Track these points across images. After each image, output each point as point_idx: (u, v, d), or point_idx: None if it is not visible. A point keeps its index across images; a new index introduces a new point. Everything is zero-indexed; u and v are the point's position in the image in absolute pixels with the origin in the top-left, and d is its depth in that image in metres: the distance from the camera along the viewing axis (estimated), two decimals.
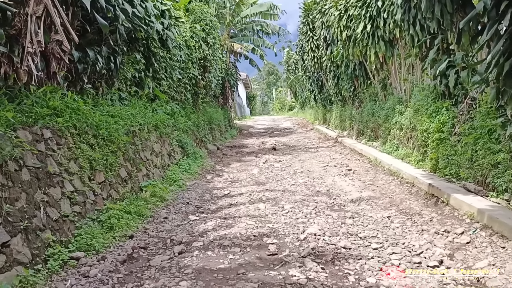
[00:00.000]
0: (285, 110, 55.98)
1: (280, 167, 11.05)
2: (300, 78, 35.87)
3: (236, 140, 19.66)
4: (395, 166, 8.35)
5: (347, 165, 10.27)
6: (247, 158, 13.31)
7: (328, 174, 9.38)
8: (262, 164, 11.76)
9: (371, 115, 12.49)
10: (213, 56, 14.20)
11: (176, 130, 10.87)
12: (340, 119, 18.57)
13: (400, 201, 6.52)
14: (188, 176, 9.56)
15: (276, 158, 12.74)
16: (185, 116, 12.16)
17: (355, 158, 11.29)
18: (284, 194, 7.53)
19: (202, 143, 13.91)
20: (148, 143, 8.27)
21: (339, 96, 18.37)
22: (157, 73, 9.77)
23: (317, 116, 28.06)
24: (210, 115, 16.81)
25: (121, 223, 5.34)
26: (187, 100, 12.46)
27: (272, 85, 78.33)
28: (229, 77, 21.65)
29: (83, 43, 6.36)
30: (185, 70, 11.91)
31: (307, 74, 25.88)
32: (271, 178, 9.48)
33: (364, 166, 9.94)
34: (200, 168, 10.76)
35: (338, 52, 14.38)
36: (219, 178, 9.87)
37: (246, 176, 10.03)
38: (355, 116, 15.09)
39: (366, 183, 8.14)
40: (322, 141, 17.05)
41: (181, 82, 11.72)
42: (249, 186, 8.68)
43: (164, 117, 9.73)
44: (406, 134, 9.38)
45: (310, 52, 21.32)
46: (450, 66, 7.30)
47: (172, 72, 10.56)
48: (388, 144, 10.44)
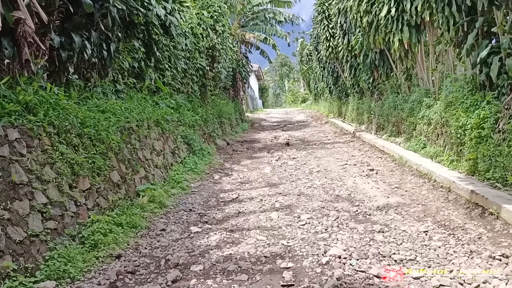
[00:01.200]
0: (298, 102, 54.85)
1: (294, 165, 10.15)
2: (314, 69, 34.78)
3: (248, 134, 18.78)
4: (425, 167, 7.38)
5: (368, 164, 9.31)
6: (259, 154, 12.43)
7: (348, 175, 8.45)
8: (274, 161, 10.88)
9: (393, 109, 11.48)
10: (222, 45, 13.28)
11: (181, 125, 10.02)
12: (357, 112, 17.54)
13: (436, 210, 5.57)
14: (193, 176, 8.73)
15: (290, 154, 11.83)
16: (192, 110, 11.31)
17: (376, 155, 10.32)
18: (299, 199, 6.64)
19: (211, 138, 13.06)
20: (147, 140, 7.44)
21: (356, 88, 17.34)
22: (159, 63, 8.91)
23: (331, 108, 27.00)
24: (220, 108, 15.94)
25: (107, 239, 4.51)
26: (194, 93, 11.59)
27: (284, 76, 77.10)
28: (240, 68, 20.70)
29: (68, 27, 5.51)
30: (192, 60, 11.02)
31: (321, 65, 24.79)
32: (284, 178, 8.59)
33: (387, 165, 8.97)
34: (207, 167, 9.92)
35: (357, 40, 13.34)
36: (228, 178, 9.02)
37: (257, 175, 9.16)
38: (374, 109, 14.07)
39: (392, 186, 7.19)
40: (339, 136, 16.07)
41: (187, 73, 10.84)
42: (260, 188, 7.80)
43: (168, 112, 8.88)
44: (435, 130, 8.39)
45: (325, 41, 20.25)
46: (492, 52, 6.28)
47: (177, 62, 9.69)
48: (413, 141, 9.45)
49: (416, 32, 9.11)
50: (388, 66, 12.00)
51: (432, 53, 9.23)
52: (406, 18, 9.04)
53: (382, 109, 12.72)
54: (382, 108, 12.73)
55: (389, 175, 8.03)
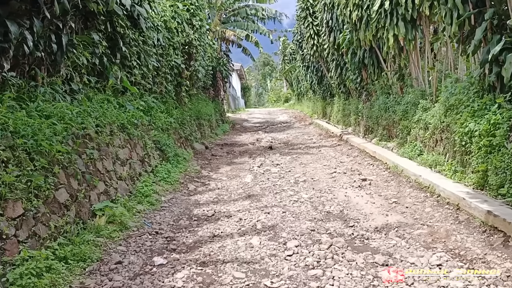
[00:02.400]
0: (280, 102, 54.09)
1: (278, 172, 9.26)
2: (297, 68, 34.01)
3: (228, 136, 17.83)
4: (425, 178, 6.56)
5: (360, 172, 8.47)
6: (240, 159, 11.51)
7: (338, 185, 7.59)
8: (256, 168, 9.97)
9: (384, 111, 10.69)
10: (200, 41, 12.27)
11: (153, 129, 9.01)
12: (343, 113, 16.77)
13: (445, 234, 4.73)
14: (165, 188, 7.75)
15: (273, 160, 10.94)
16: (166, 112, 10.30)
17: (366, 162, 9.50)
18: (285, 218, 5.73)
19: (188, 142, 12.06)
20: (110, 149, 6.43)
21: (342, 88, 16.57)
22: (126, 59, 7.89)
23: (315, 109, 26.24)
24: (198, 109, 14.94)
25: (42, 282, 3.51)
26: (168, 93, 10.57)
27: (267, 76, 76.29)
28: (221, 66, 19.70)
29: (3, 14, 4.48)
30: (165, 57, 10.01)
31: (305, 64, 24.01)
32: (267, 189, 7.69)
33: (381, 174, 8.14)
34: (182, 175, 8.94)
35: (344, 37, 12.53)
36: (204, 188, 8.07)
37: (237, 185, 8.24)
38: (362, 111, 13.28)
39: (390, 200, 6.35)
40: (324, 138, 15.25)
41: (160, 71, 9.82)
42: (240, 201, 6.88)
43: (136, 114, 7.87)
44: (433, 135, 7.60)
45: (309, 39, 19.44)
46: (505, 48, 5.49)
47: (147, 59, 8.67)
48: (408, 147, 8.65)
49: (412, 28, 8.31)
50: (378, 65, 11.21)
51: (429, 51, 8.44)
52: (401, 12, 8.22)
53: (371, 111, 11.93)
54: (371, 109, 11.94)
55: (384, 187, 7.19)
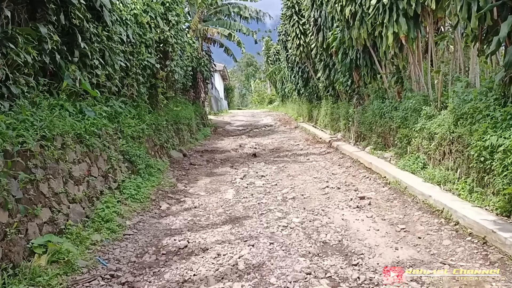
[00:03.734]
0: (264, 104, 53.09)
1: (263, 186, 8.23)
2: (282, 69, 33.05)
3: (210, 141, 16.71)
4: (437, 200, 5.59)
5: (356, 188, 7.49)
6: (221, 169, 10.43)
7: (333, 205, 6.59)
8: (239, 180, 8.92)
9: (379, 116, 9.75)
10: (176, 39, 11.13)
11: (120, 138, 7.87)
12: (331, 117, 15.85)
13: (476, 281, 3.74)
14: (133, 207, 6.63)
15: (258, 170, 9.90)
16: (137, 118, 9.16)
17: (362, 174, 8.52)
18: (273, 252, 4.69)
19: (164, 150, 10.93)
20: (60, 165, 5.28)
21: (330, 91, 15.65)
22: (87, 58, 6.73)
23: (301, 112, 25.32)
24: (177, 113, 13.79)
25: None
26: (140, 96, 9.42)
27: (250, 76, 75.34)
28: (202, 67, 18.55)
29: None
30: (136, 55, 8.86)
31: (290, 64, 23.07)
32: (251, 208, 6.66)
33: (380, 191, 7.17)
34: (154, 190, 7.83)
35: (335, 36, 11.58)
36: (179, 207, 6.99)
37: (217, 203, 7.19)
38: (353, 116, 12.36)
39: (397, 226, 5.36)
40: (312, 145, 14.27)
41: (130, 71, 8.67)
42: (219, 227, 5.82)
43: (98, 122, 6.73)
44: (440, 147, 6.67)
45: (295, 39, 18.48)
46: None
47: (113, 58, 7.51)
48: (409, 158, 7.71)
49: (414, 25, 7.37)
50: (372, 67, 10.27)
51: (433, 51, 7.50)
52: (402, 6, 7.28)
53: (364, 116, 11.00)
54: (364, 115, 11.01)
55: (387, 208, 6.21)
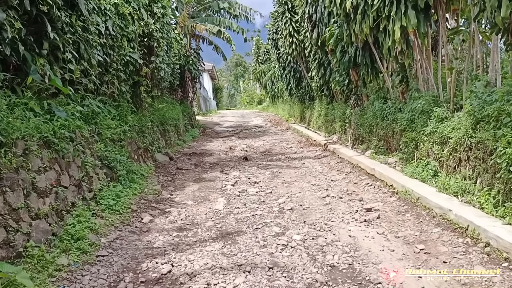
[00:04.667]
0: (253, 104, 52.39)
1: (257, 194, 7.49)
2: (272, 69, 32.33)
3: (198, 143, 15.90)
4: (460, 216, 4.88)
5: (360, 198, 6.78)
6: (210, 174, 9.65)
7: (337, 217, 5.87)
8: (230, 187, 8.17)
9: (381, 118, 9.07)
10: (162, 33, 10.32)
11: (98, 141, 7.05)
12: (326, 118, 15.16)
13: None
14: (110, 220, 5.81)
15: (250, 176, 9.15)
16: (119, 118, 8.34)
17: (364, 182, 7.82)
18: (273, 281, 3.93)
19: (148, 153, 10.11)
20: (20, 175, 4.47)
21: (325, 91, 14.97)
22: (58, 50, 5.91)
23: (292, 112, 24.64)
24: (163, 113, 12.97)
25: None
26: (122, 95, 8.59)
27: (239, 76, 74.60)
28: (190, 65, 17.72)
29: None
30: (117, 50, 8.03)
31: (282, 64, 22.36)
32: (245, 222, 5.91)
33: (388, 201, 6.46)
34: (136, 199, 7.02)
35: (332, 33, 10.88)
36: (163, 220, 6.20)
37: (206, 214, 6.43)
38: (350, 117, 11.68)
39: (414, 246, 4.64)
40: (305, 147, 13.57)
41: (110, 67, 7.84)
42: (209, 244, 5.06)
43: (70, 124, 5.91)
44: (455, 153, 5.99)
45: (287, 37, 17.81)
46: None
47: (90, 51, 6.69)
48: (417, 165, 7.03)
49: (424, 18, 6.69)
50: (373, 65, 9.59)
51: (445, 47, 6.82)
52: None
53: (363, 118, 10.32)
54: (363, 116, 10.32)
55: (399, 222, 5.49)
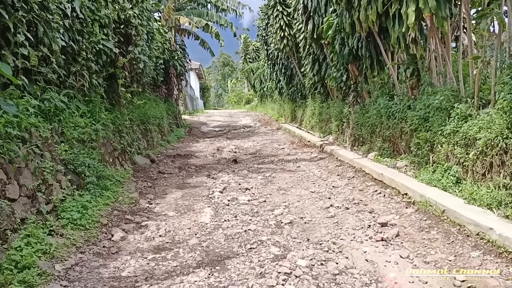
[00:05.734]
0: (241, 104, 51.34)
1: (249, 204, 6.49)
2: (261, 67, 31.35)
3: (183, 144, 14.82)
4: (506, 236, 3.92)
5: (371, 209, 5.81)
6: (195, 179, 8.62)
7: (346, 234, 4.89)
8: (218, 194, 7.15)
9: (386, 117, 8.13)
10: (141, 19, 9.22)
11: (62, 142, 5.97)
12: (320, 118, 14.21)
13: None
14: (72, 239, 4.75)
15: (241, 181, 8.14)
16: (90, 116, 7.25)
17: (372, 189, 6.85)
18: None
19: (126, 155, 9.02)
20: None
21: (319, 88, 14.00)
22: (8, 31, 4.81)
23: (282, 112, 23.67)
24: (145, 111, 11.88)
25: None
26: (94, 88, 7.49)
27: (227, 76, 73.53)
28: (175, 61, 16.64)
29: None
30: (87, 37, 6.94)
31: (271, 61, 21.38)
32: (236, 239, 4.91)
33: (405, 213, 5.49)
34: (108, 210, 5.95)
35: (330, 23, 9.91)
36: (138, 237, 5.15)
37: (190, 229, 5.41)
38: (349, 116, 10.74)
39: (453, 277, 3.68)
40: (299, 148, 12.60)
41: (79, 56, 6.74)
42: (192, 272, 4.04)
43: (22, 121, 4.82)
44: (484, 156, 5.06)
45: (278, 31, 16.81)
46: None
47: (50, 35, 5.60)
48: (435, 170, 6.08)
49: (445, 1, 5.75)
50: (378, 57, 8.64)
51: (470, 34, 5.87)
52: None
53: (364, 117, 9.37)
54: (365, 115, 9.38)
55: (424, 242, 4.51)
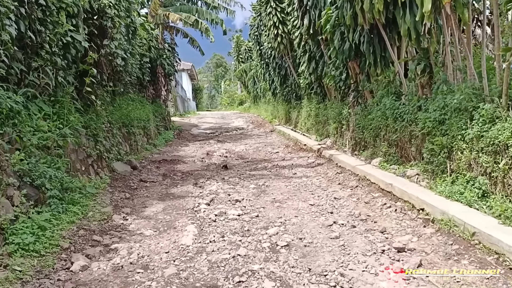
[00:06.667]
0: (234, 105, 50.42)
1: (239, 220, 5.60)
2: (254, 67, 30.49)
3: (171, 148, 13.89)
4: None
5: (382, 228, 4.93)
6: (180, 189, 7.72)
7: (356, 261, 4.01)
8: (204, 207, 6.27)
9: (393, 119, 7.29)
10: (118, 10, 8.25)
11: (18, 149, 5.04)
12: (316, 119, 13.37)
13: None
14: (18, 272, 3.85)
15: (230, 191, 7.26)
16: (56, 118, 6.31)
17: (379, 201, 5.97)
18: None
19: (103, 162, 8.10)
20: None
21: (315, 88, 13.16)
22: None
23: (276, 113, 22.81)
24: (127, 113, 10.95)
25: None
26: (60, 87, 6.56)
27: (220, 78, 72.62)
28: (163, 60, 15.72)
29: None
30: (51, 27, 6.01)
31: (264, 60, 20.53)
32: (222, 268, 4.03)
33: (423, 234, 4.62)
34: (72, 230, 5.03)
35: (329, 17, 9.06)
36: (102, 266, 4.23)
37: (167, 253, 4.51)
38: (349, 118, 9.90)
39: None
40: (294, 152, 11.73)
41: (40, 49, 5.82)
42: None
43: None
44: None
45: (272, 29, 15.96)
46: None
47: None
48: (454, 181, 5.24)
49: None
50: (382, 53, 7.80)
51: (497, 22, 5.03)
52: None
53: (366, 119, 8.53)
54: (367, 117, 8.54)
55: (456, 277, 3.65)
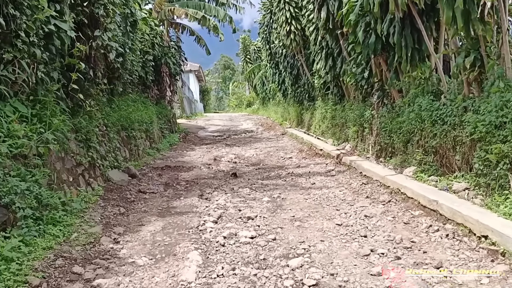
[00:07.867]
0: (242, 107, 49.53)
1: (252, 244, 4.59)
2: (263, 67, 29.52)
3: (175, 152, 12.92)
4: None
5: (436, 261, 3.88)
6: (184, 202, 6.73)
7: None
8: (211, 226, 5.28)
9: (430, 122, 6.23)
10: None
11: None
12: (333, 122, 12.31)
13: None
14: None
15: (241, 205, 6.26)
16: (37, 121, 5.35)
17: (424, 223, 4.90)
18: None
19: (96, 171, 7.13)
20: None
21: (331, 88, 12.12)
22: None
23: (287, 115, 21.77)
24: (127, 114, 9.99)
25: None
26: (42, 85, 5.58)
27: (228, 79, 71.84)
28: (168, 58, 14.78)
29: None
30: (28, 12, 5.04)
31: (275, 60, 19.55)
32: None
33: (493, 272, 3.57)
34: (48, 259, 4.03)
35: (352, 6, 8.02)
36: None
37: None
38: (372, 121, 8.84)
39: None
40: (310, 158, 10.70)
41: (17, 40, 4.85)
42: None
43: None
44: None
45: (284, 25, 14.96)
46: None
47: None
48: None
49: None
50: (417, 46, 6.75)
51: None
52: None
53: (395, 122, 7.48)
54: (396, 119, 7.48)
55: None
